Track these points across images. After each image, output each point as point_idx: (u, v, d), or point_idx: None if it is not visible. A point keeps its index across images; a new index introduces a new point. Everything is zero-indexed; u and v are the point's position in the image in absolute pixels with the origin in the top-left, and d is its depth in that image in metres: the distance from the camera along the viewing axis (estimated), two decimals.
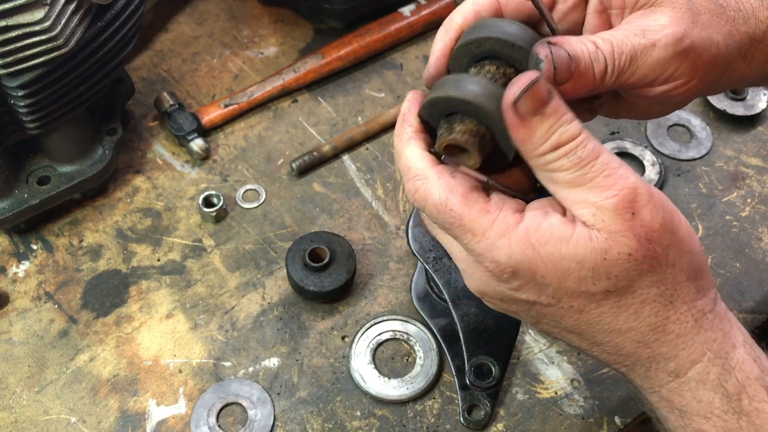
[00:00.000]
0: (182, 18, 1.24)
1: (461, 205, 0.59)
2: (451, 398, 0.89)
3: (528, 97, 0.56)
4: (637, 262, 0.57)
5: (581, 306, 0.59)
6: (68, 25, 0.81)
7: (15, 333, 0.93)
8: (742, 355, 0.61)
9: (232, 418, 0.88)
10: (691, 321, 0.60)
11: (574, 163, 0.57)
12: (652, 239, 0.57)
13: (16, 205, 0.95)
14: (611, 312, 0.59)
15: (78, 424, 0.87)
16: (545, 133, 0.57)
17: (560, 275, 0.58)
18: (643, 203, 0.57)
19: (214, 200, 1.02)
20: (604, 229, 0.57)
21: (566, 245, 0.57)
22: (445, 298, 0.89)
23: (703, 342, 0.60)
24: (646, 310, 0.59)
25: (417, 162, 0.61)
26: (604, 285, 0.58)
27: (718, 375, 0.60)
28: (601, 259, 0.57)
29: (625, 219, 0.56)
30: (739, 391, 0.60)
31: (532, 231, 0.57)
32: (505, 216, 0.58)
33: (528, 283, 0.59)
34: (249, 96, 1.12)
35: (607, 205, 0.56)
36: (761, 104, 1.13)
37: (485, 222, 0.58)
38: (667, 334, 0.60)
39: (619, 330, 0.60)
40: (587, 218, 0.57)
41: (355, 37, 1.17)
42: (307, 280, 0.93)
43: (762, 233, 1.03)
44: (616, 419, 0.88)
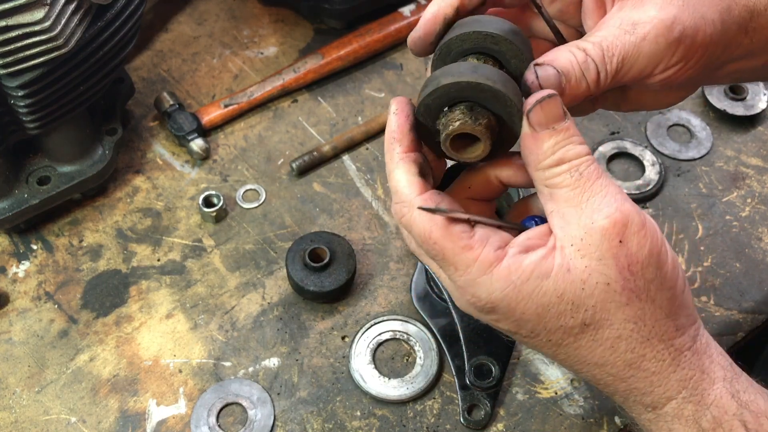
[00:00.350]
0: (182, 18, 1.24)
1: (444, 239, 0.59)
2: (451, 398, 0.89)
3: (542, 108, 0.57)
4: (615, 293, 0.57)
5: (559, 340, 0.60)
6: (68, 25, 0.81)
7: (15, 333, 0.93)
8: (720, 391, 0.61)
9: (232, 418, 0.88)
10: (668, 359, 0.60)
11: (575, 179, 0.57)
12: (634, 271, 0.57)
13: (16, 205, 0.95)
14: (588, 346, 0.59)
15: (78, 424, 0.87)
16: (552, 147, 0.57)
17: (540, 311, 0.58)
18: (633, 231, 0.56)
19: (214, 200, 1.02)
20: (588, 255, 0.56)
21: (546, 280, 0.57)
22: (445, 298, 0.89)
23: (679, 380, 0.60)
24: (622, 346, 0.59)
25: (404, 187, 0.61)
26: (581, 317, 0.58)
27: (693, 412, 0.60)
28: (580, 289, 0.57)
29: (612, 245, 0.56)
30: (714, 427, 0.60)
31: (513, 269, 0.58)
32: (487, 253, 0.58)
33: (507, 318, 0.60)
34: (249, 96, 1.12)
35: (597, 228, 0.56)
36: (761, 104, 1.13)
37: (467, 258, 0.58)
38: (642, 371, 0.60)
39: (596, 363, 0.60)
40: (575, 242, 0.57)
41: (355, 37, 1.17)
42: (307, 280, 0.93)
43: (762, 233, 1.03)
44: (616, 419, 0.88)
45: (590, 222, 0.56)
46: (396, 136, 0.62)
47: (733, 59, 0.67)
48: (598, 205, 0.57)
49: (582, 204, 0.57)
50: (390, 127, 0.63)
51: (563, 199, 0.58)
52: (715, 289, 0.97)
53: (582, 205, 0.57)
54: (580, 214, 0.57)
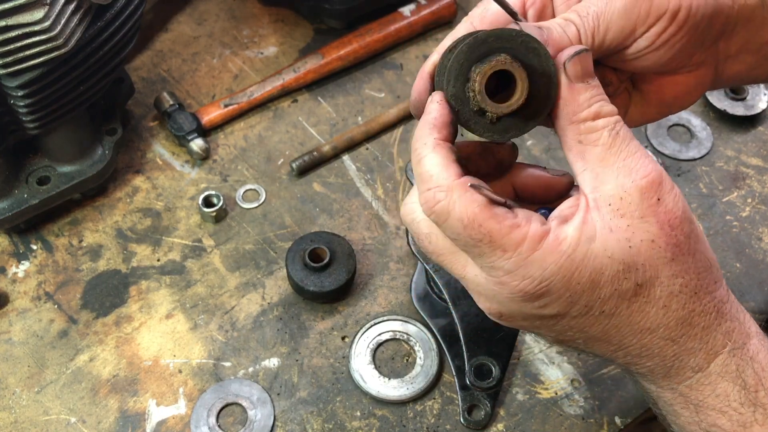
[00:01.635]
0: (182, 18, 1.24)
1: (491, 219, 0.56)
2: (451, 398, 0.89)
3: (578, 61, 0.57)
4: (661, 249, 0.57)
5: (612, 309, 0.59)
6: (68, 25, 0.81)
7: (15, 333, 0.93)
8: (757, 346, 0.61)
9: (232, 418, 0.88)
10: (713, 311, 0.60)
11: (612, 137, 0.57)
12: (674, 226, 0.57)
13: (16, 205, 0.95)
14: (642, 309, 0.59)
15: (78, 425, 0.87)
16: (588, 100, 0.58)
17: (594, 276, 0.57)
18: (667, 190, 0.57)
19: (214, 200, 1.02)
20: (628, 215, 0.56)
21: (594, 243, 0.57)
22: (445, 298, 0.89)
23: (724, 333, 0.60)
24: (674, 303, 0.59)
25: (441, 171, 0.57)
26: (633, 277, 0.57)
27: (737, 367, 0.60)
28: (627, 248, 0.56)
29: (651, 204, 0.56)
30: (756, 382, 0.60)
31: (561, 239, 0.56)
32: (536, 228, 0.57)
33: (560, 297, 0.58)
34: (249, 96, 1.12)
35: (636, 188, 0.56)
36: (761, 104, 1.13)
37: (517, 236, 0.56)
38: (693, 327, 0.59)
39: (649, 328, 0.59)
40: (613, 201, 0.57)
41: (355, 37, 1.17)
42: (307, 280, 0.93)
43: (762, 233, 1.03)
44: (616, 419, 0.88)
45: (629, 181, 0.56)
46: (436, 124, 0.59)
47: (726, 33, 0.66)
48: (635, 165, 0.57)
49: (617, 164, 0.57)
50: (429, 114, 0.59)
51: (598, 158, 0.57)
52: None
53: (618, 164, 0.57)
54: (617, 174, 0.57)
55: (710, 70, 0.68)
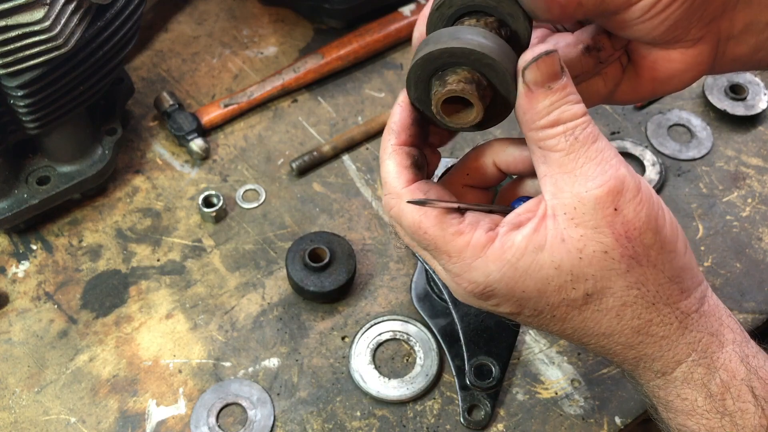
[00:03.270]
0: (182, 18, 1.24)
1: (435, 227, 0.58)
2: (451, 398, 0.89)
3: (538, 67, 0.55)
4: (614, 261, 0.56)
5: (563, 314, 0.59)
6: (68, 25, 0.81)
7: (15, 333, 0.93)
8: (729, 355, 0.60)
9: (232, 418, 0.88)
10: (675, 322, 0.59)
11: (569, 143, 0.56)
12: (632, 238, 0.56)
13: (15, 205, 0.95)
14: (593, 317, 0.59)
15: (78, 425, 0.87)
16: (547, 107, 0.56)
17: (540, 286, 0.57)
18: (628, 198, 0.55)
19: (213, 200, 1.02)
20: (582, 225, 0.55)
21: (542, 253, 0.56)
22: (445, 298, 0.89)
23: (687, 343, 0.59)
24: (628, 313, 0.58)
25: (394, 178, 0.60)
26: (583, 288, 0.57)
27: (702, 375, 0.60)
28: (577, 259, 0.56)
29: (606, 214, 0.55)
30: (722, 391, 0.59)
31: (506, 247, 0.57)
32: (479, 236, 0.57)
33: (508, 300, 0.59)
34: (249, 96, 1.12)
35: (591, 197, 0.55)
36: (761, 104, 1.13)
37: (460, 243, 0.58)
38: (650, 336, 0.59)
39: (604, 334, 0.60)
40: (568, 210, 0.56)
41: (355, 37, 1.17)
42: (307, 280, 0.93)
43: (762, 233, 1.03)
44: (616, 419, 0.88)
45: (584, 190, 0.55)
46: (394, 128, 0.61)
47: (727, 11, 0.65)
48: (593, 172, 0.55)
49: (576, 170, 0.56)
50: (391, 118, 0.62)
51: (557, 164, 0.56)
52: (715, 289, 0.97)
53: (576, 171, 0.56)
54: (574, 182, 0.56)
55: (709, 50, 0.65)
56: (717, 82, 1.15)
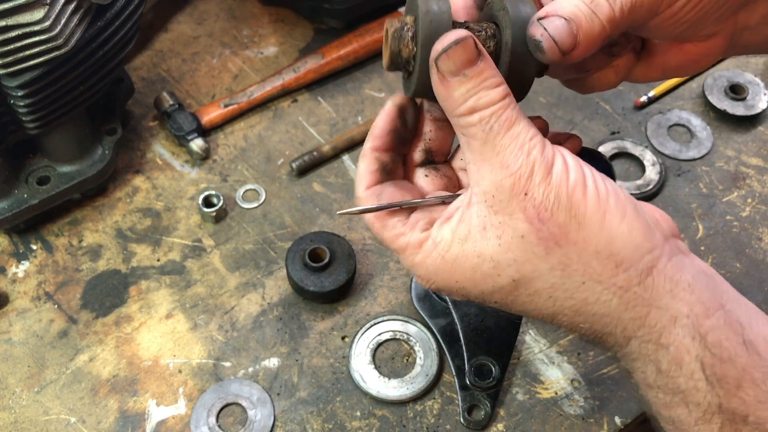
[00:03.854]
0: (182, 18, 1.24)
1: (381, 229, 0.62)
2: (451, 398, 0.89)
3: (449, 57, 0.55)
4: (532, 245, 0.56)
5: (502, 299, 0.59)
6: (68, 25, 0.81)
7: (15, 333, 0.93)
8: (681, 332, 0.57)
9: (232, 418, 0.88)
10: (614, 299, 0.57)
11: (485, 132, 0.56)
12: (545, 219, 0.55)
13: (15, 205, 0.95)
14: (530, 301, 0.59)
15: (78, 425, 0.87)
16: (463, 95, 0.56)
17: (470, 275, 0.58)
18: (537, 181, 0.55)
19: (214, 200, 1.02)
20: (500, 212, 0.56)
21: (466, 243, 0.58)
22: (445, 298, 0.89)
23: (632, 319, 0.58)
24: (559, 294, 0.57)
25: (360, 181, 0.64)
26: (507, 274, 0.57)
27: (653, 351, 0.58)
28: (497, 246, 0.57)
29: (519, 200, 0.55)
30: (673, 368, 0.58)
31: (437, 241, 0.59)
32: (416, 236, 0.60)
33: (450, 291, 0.61)
34: (249, 96, 1.12)
35: (506, 185, 0.56)
36: (761, 104, 1.13)
37: (401, 244, 0.61)
38: (591, 315, 0.58)
39: (549, 314, 0.59)
40: (488, 198, 0.57)
41: (355, 37, 1.17)
42: (307, 280, 0.93)
43: (762, 233, 1.03)
44: (616, 419, 0.88)
45: (500, 178, 0.56)
46: (374, 133, 0.64)
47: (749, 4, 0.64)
48: (506, 159, 0.56)
49: (492, 159, 0.56)
50: (375, 122, 0.65)
51: (477, 152, 0.57)
52: None
53: (492, 159, 0.56)
54: (491, 170, 0.56)
55: (723, 41, 0.65)
56: (717, 82, 1.15)
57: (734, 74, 1.15)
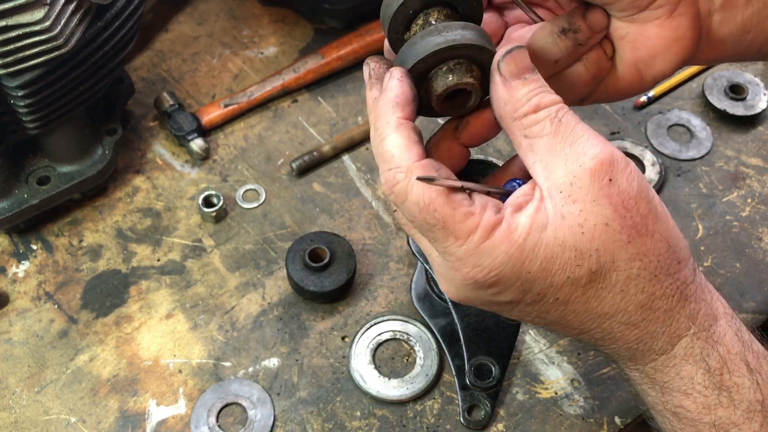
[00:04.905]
0: (182, 18, 1.24)
1: (446, 206, 0.56)
2: (451, 398, 0.89)
3: (513, 59, 0.57)
4: (615, 232, 0.55)
5: (567, 296, 0.58)
6: (68, 25, 0.81)
7: (15, 333, 0.93)
8: (724, 328, 0.60)
9: (232, 418, 0.88)
10: (676, 294, 0.58)
11: (555, 127, 0.56)
12: (629, 207, 0.55)
13: (16, 205, 0.95)
14: (598, 296, 0.58)
15: (78, 424, 0.87)
16: (526, 95, 0.57)
17: (545, 265, 0.56)
18: (620, 169, 0.56)
19: (214, 200, 1.02)
20: (580, 199, 0.55)
21: (545, 231, 0.56)
22: (445, 298, 0.89)
23: (688, 315, 0.59)
24: (632, 287, 0.57)
25: (402, 152, 0.57)
26: (587, 264, 0.56)
27: (701, 350, 0.59)
28: (579, 234, 0.55)
29: (602, 185, 0.55)
30: (720, 366, 0.59)
31: (513, 228, 0.56)
32: (489, 218, 0.56)
33: (512, 286, 0.57)
34: (249, 96, 1.12)
35: (585, 171, 0.55)
36: (761, 104, 1.13)
37: (470, 225, 0.56)
38: (654, 312, 0.58)
39: (607, 314, 0.58)
40: (564, 188, 0.56)
41: (355, 37, 1.17)
42: (307, 280, 0.93)
43: (762, 233, 1.03)
44: (616, 419, 0.88)
45: (577, 166, 0.55)
46: (399, 101, 0.58)
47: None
48: (582, 148, 0.56)
49: (565, 150, 0.56)
50: (391, 92, 0.58)
51: (545, 148, 0.56)
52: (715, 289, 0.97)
53: (565, 151, 0.56)
54: (565, 160, 0.56)
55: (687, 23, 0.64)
56: (717, 82, 1.15)
57: (734, 74, 1.15)
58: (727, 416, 0.59)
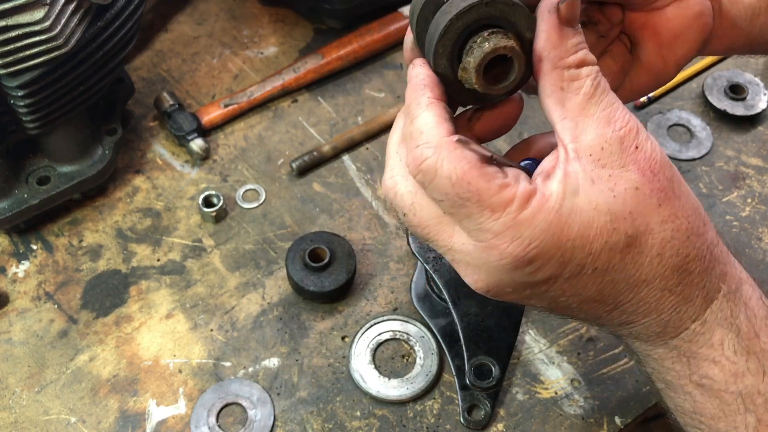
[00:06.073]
0: (182, 18, 1.24)
1: (480, 178, 0.54)
2: (451, 398, 0.89)
3: (572, 4, 0.56)
4: (646, 196, 0.56)
5: (605, 264, 0.57)
6: (68, 25, 0.81)
7: (15, 333, 0.93)
8: (749, 291, 0.60)
9: (232, 418, 0.88)
10: (707, 254, 0.59)
11: (593, 87, 0.56)
12: (656, 171, 0.56)
13: (16, 205, 0.95)
14: (635, 261, 0.57)
15: (78, 424, 0.87)
16: (575, 46, 0.56)
17: (583, 231, 0.55)
18: (644, 138, 0.56)
19: (214, 200, 1.02)
20: (609, 164, 0.55)
21: (578, 196, 0.55)
22: (445, 298, 0.89)
23: (718, 276, 0.59)
24: (668, 250, 0.57)
25: (432, 128, 0.56)
26: (622, 228, 0.56)
27: (731, 311, 0.59)
28: (611, 198, 0.55)
29: (630, 152, 0.55)
30: (749, 329, 0.59)
31: (547, 195, 0.55)
32: (524, 187, 0.55)
33: (552, 258, 0.56)
34: (249, 96, 1.12)
35: (616, 137, 0.55)
36: (761, 104, 1.13)
37: (506, 197, 0.54)
38: (690, 274, 0.58)
39: (645, 280, 0.58)
40: (594, 152, 0.55)
41: (355, 37, 1.17)
42: (307, 280, 0.93)
43: (762, 233, 1.03)
44: (616, 419, 0.88)
45: (610, 131, 0.55)
46: (427, 83, 0.58)
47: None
48: (614, 115, 0.56)
49: (597, 113, 0.56)
50: (417, 77, 0.58)
51: (578, 107, 0.56)
52: None
53: (598, 114, 0.56)
54: (597, 124, 0.56)
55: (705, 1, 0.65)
56: (717, 82, 1.15)
57: (734, 74, 1.16)
58: (754, 384, 0.59)
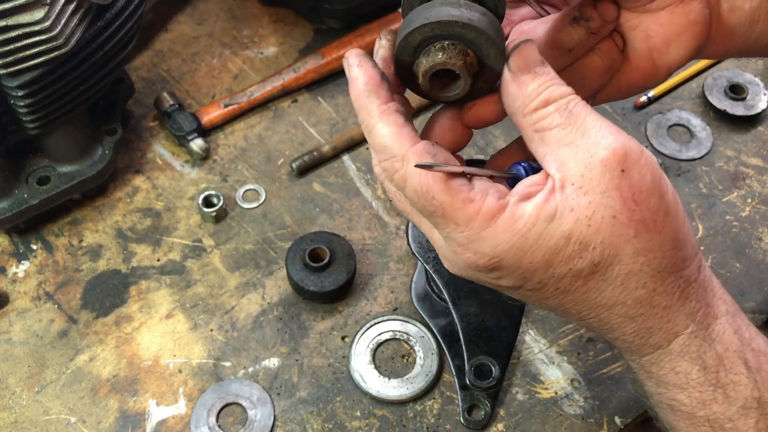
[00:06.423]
0: (182, 18, 1.24)
1: (443, 193, 0.55)
2: (451, 398, 0.89)
3: (520, 54, 0.56)
4: (623, 226, 0.55)
5: (567, 286, 0.57)
6: (68, 25, 0.81)
7: (15, 333, 0.93)
8: (723, 327, 0.59)
9: (232, 418, 0.88)
10: (677, 292, 0.58)
11: (565, 118, 0.55)
12: (639, 201, 0.55)
13: (15, 205, 0.95)
14: (597, 288, 0.57)
15: (78, 424, 0.87)
16: (536, 89, 0.56)
17: (548, 257, 0.55)
18: (633, 160, 0.55)
19: (214, 200, 1.02)
20: (591, 191, 0.54)
21: (552, 223, 0.55)
22: (445, 298, 0.89)
23: (687, 314, 0.59)
24: (632, 282, 0.57)
25: (393, 141, 0.56)
26: (590, 257, 0.55)
27: (698, 347, 0.59)
28: (586, 227, 0.54)
29: (613, 176, 0.54)
30: (716, 363, 0.59)
31: (517, 217, 0.55)
32: (490, 204, 0.55)
33: (513, 273, 0.57)
34: (249, 96, 1.12)
35: (597, 162, 0.54)
36: (761, 104, 1.13)
37: (469, 212, 0.55)
38: (653, 308, 0.58)
39: (605, 305, 0.58)
40: (575, 180, 0.55)
41: (355, 37, 1.17)
42: (307, 280, 0.93)
43: (762, 233, 1.03)
44: (616, 419, 0.88)
45: (589, 156, 0.54)
46: (371, 88, 0.59)
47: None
48: (595, 138, 0.55)
49: (577, 141, 0.55)
50: (359, 81, 0.60)
51: (555, 140, 0.56)
52: None
53: (577, 141, 0.55)
54: (577, 151, 0.55)
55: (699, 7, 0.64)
56: (717, 82, 1.15)
57: (734, 74, 1.16)
58: (722, 412, 0.59)
